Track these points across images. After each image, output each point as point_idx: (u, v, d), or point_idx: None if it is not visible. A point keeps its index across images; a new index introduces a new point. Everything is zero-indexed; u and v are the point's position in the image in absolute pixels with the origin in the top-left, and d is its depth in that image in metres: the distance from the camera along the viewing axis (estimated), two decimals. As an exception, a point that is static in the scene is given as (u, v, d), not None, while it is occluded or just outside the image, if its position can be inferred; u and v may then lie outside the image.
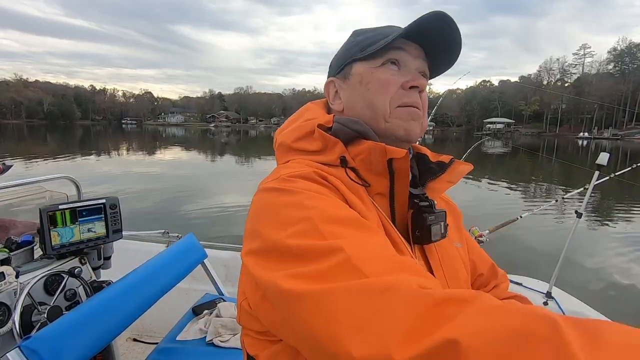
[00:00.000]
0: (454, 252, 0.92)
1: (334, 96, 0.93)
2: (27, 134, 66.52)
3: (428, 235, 0.80)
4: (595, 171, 2.93)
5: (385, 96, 0.82)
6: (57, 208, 2.16)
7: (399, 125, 0.82)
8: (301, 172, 0.75)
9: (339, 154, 0.81)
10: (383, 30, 0.85)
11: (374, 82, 0.83)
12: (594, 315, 2.78)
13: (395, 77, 0.83)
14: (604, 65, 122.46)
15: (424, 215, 0.81)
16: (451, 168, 0.89)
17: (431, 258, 0.84)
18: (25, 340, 1.41)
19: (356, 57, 0.86)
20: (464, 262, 0.97)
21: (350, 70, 0.88)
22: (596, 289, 6.41)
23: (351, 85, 0.88)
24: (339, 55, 0.92)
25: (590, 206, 12.57)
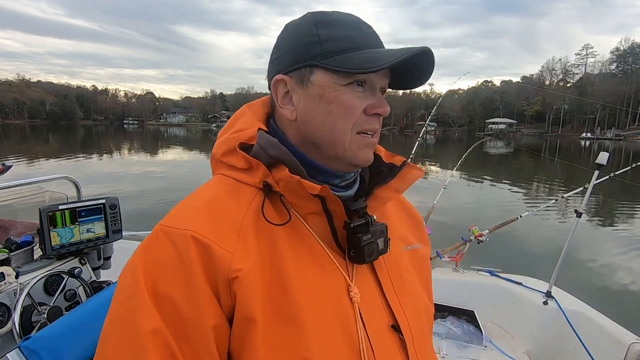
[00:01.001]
0: (402, 262, 0.89)
1: (283, 98, 0.80)
2: (29, 134, 66.69)
3: (363, 255, 0.75)
4: (595, 171, 2.93)
5: (348, 123, 0.75)
6: (57, 208, 2.16)
7: (356, 155, 0.77)
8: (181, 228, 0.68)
9: (261, 177, 0.75)
10: (353, 34, 0.75)
11: (339, 105, 0.74)
12: (593, 314, 2.78)
13: (360, 100, 0.75)
14: (606, 65, 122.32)
15: (358, 236, 0.76)
16: (402, 173, 0.84)
17: (379, 271, 0.82)
18: (25, 340, 1.41)
19: (319, 63, 0.74)
20: (417, 267, 0.94)
21: (310, 76, 0.75)
22: (596, 288, 6.42)
23: (310, 96, 0.76)
24: (293, 45, 0.77)
25: (590, 206, 12.57)
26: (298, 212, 0.77)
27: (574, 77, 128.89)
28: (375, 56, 0.71)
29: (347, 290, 0.74)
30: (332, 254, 0.76)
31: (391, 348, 0.77)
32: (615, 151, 47.07)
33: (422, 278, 0.95)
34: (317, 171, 0.79)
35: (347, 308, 0.73)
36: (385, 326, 0.78)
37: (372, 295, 0.79)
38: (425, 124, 5.05)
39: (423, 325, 0.86)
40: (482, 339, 2.88)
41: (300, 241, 0.74)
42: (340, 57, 0.73)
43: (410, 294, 0.85)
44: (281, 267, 0.70)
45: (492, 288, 3.31)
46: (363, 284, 0.78)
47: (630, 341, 2.44)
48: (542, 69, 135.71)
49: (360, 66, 0.71)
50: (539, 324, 2.99)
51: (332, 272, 0.75)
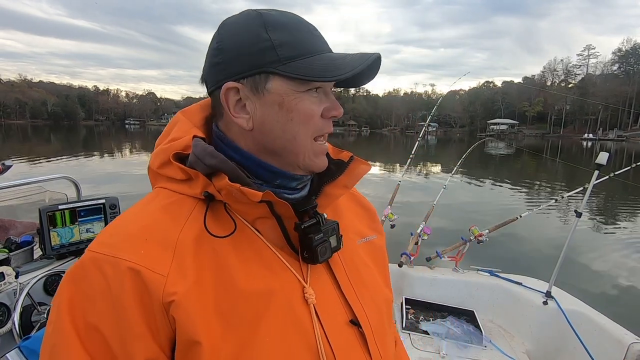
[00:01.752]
0: (358, 256, 0.89)
1: (235, 107, 0.74)
2: (31, 134, 66.80)
3: (316, 256, 0.75)
4: (594, 171, 2.93)
5: (308, 130, 0.73)
6: (57, 208, 2.17)
7: (313, 162, 0.76)
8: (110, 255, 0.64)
9: (202, 188, 0.72)
10: (305, 38, 0.72)
11: (299, 113, 0.72)
12: (593, 314, 2.78)
13: (317, 105, 0.73)
14: (608, 66, 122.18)
15: (310, 237, 0.75)
16: (349, 169, 0.83)
17: (335, 268, 0.82)
18: (25, 340, 1.41)
19: (276, 70, 0.70)
20: (374, 257, 0.95)
21: (266, 84, 0.71)
22: (596, 288, 6.42)
23: (267, 104, 0.72)
24: (242, 49, 0.72)
25: (591, 206, 12.57)
26: (245, 218, 0.75)
27: (576, 77, 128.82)
28: (335, 63, 0.70)
29: (301, 292, 0.73)
30: (284, 257, 0.75)
31: (350, 343, 0.77)
32: (617, 152, 47.04)
33: (380, 268, 0.96)
34: (275, 175, 0.77)
35: (302, 310, 0.72)
36: (344, 322, 0.77)
37: (329, 293, 0.78)
38: (425, 125, 5.06)
39: (383, 317, 0.87)
40: (482, 339, 2.88)
41: (248, 249, 0.73)
42: (298, 63, 0.70)
43: (367, 287, 0.85)
44: (228, 280, 0.68)
45: (492, 288, 3.31)
46: (319, 284, 0.77)
47: (630, 341, 2.44)
48: (544, 70, 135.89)
49: (322, 74, 0.69)
50: (538, 324, 2.99)
51: (285, 275, 0.74)
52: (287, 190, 0.78)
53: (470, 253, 3.56)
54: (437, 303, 3.29)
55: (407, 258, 3.49)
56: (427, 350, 2.75)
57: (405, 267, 3.48)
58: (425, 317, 3.11)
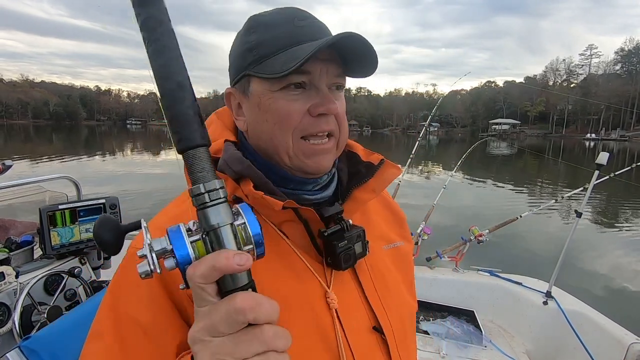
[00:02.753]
0: (383, 262, 0.87)
1: (237, 110, 0.78)
2: (33, 134, 66.89)
3: (339, 263, 0.74)
4: (595, 171, 2.93)
5: (285, 130, 0.71)
6: (57, 208, 2.17)
7: (304, 164, 0.73)
8: None
9: (231, 191, 0.72)
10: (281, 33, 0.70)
11: (272, 113, 0.71)
12: (593, 314, 2.78)
13: (298, 103, 0.70)
14: (611, 66, 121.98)
15: (333, 244, 0.74)
16: (379, 172, 0.82)
17: (361, 274, 0.81)
18: (25, 340, 1.41)
19: (252, 72, 0.71)
20: (399, 264, 0.92)
21: (249, 86, 0.73)
22: (596, 288, 6.41)
23: (251, 106, 0.74)
24: (234, 55, 0.76)
25: (591, 206, 12.55)
26: (273, 221, 0.75)
27: (578, 77, 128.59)
28: (296, 54, 0.66)
29: (324, 297, 0.73)
30: (309, 261, 0.75)
31: (372, 349, 0.76)
32: (620, 152, 46.95)
33: (405, 275, 0.94)
34: (287, 180, 0.76)
35: (324, 314, 0.72)
36: (366, 328, 0.77)
37: (353, 299, 0.78)
38: (425, 125, 5.05)
39: (405, 324, 0.86)
40: (482, 339, 2.88)
41: (273, 252, 0.72)
42: (268, 61, 0.69)
43: (392, 294, 0.84)
44: None
45: (492, 288, 3.31)
46: (343, 289, 0.77)
47: (630, 341, 2.44)
48: (546, 70, 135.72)
49: (280, 68, 0.66)
50: (538, 324, 2.99)
51: (308, 279, 0.74)
52: (306, 191, 0.78)
53: (471, 253, 3.56)
54: (437, 303, 3.28)
55: (407, 258, 3.49)
56: (427, 350, 2.75)
57: (406, 267, 3.47)
58: (426, 317, 3.11)
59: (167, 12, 0.48)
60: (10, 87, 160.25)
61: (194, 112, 0.49)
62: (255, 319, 0.44)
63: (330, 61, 0.71)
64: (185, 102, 0.48)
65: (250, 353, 0.43)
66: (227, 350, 0.43)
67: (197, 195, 0.47)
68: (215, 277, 0.45)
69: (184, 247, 0.46)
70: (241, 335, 0.44)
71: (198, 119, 0.49)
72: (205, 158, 0.49)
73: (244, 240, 0.48)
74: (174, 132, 0.49)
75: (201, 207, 0.48)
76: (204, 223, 0.47)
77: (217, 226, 0.47)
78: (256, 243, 0.49)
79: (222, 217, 0.47)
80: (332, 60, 0.72)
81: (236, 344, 0.44)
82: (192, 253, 0.46)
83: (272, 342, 0.44)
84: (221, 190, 0.48)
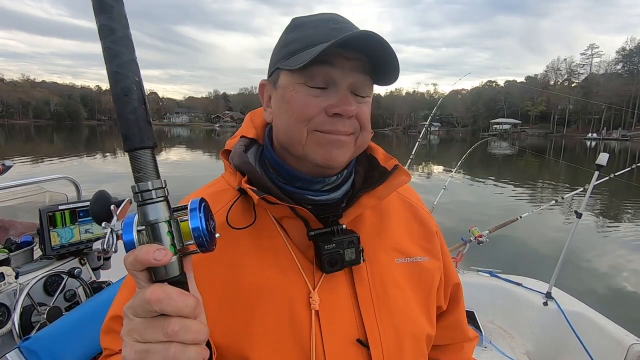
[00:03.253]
0: (390, 276, 0.83)
1: (267, 102, 0.84)
2: (34, 134, 66.94)
3: (323, 265, 0.74)
4: (595, 171, 2.93)
5: (300, 123, 0.73)
6: (57, 208, 2.17)
7: (316, 153, 0.74)
8: None
9: (238, 183, 0.78)
10: (315, 33, 0.74)
11: (291, 104, 0.73)
12: (593, 315, 2.78)
13: (318, 100, 0.72)
14: (612, 65, 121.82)
15: (319, 244, 0.74)
16: (390, 179, 0.81)
17: (358, 283, 0.78)
18: (25, 340, 1.41)
19: (280, 65, 0.75)
20: (416, 281, 0.87)
21: (278, 79, 0.77)
22: (596, 289, 6.41)
23: (277, 98, 0.78)
24: (274, 51, 0.81)
25: (592, 206, 12.54)
26: (275, 215, 0.78)
27: (579, 77, 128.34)
28: (320, 48, 0.67)
29: (307, 296, 0.73)
30: (300, 258, 0.76)
31: None
32: (621, 152, 46.91)
33: (421, 295, 0.88)
34: (296, 178, 0.78)
35: (303, 313, 0.72)
36: (350, 338, 0.75)
37: (342, 306, 0.76)
38: (425, 125, 5.04)
39: (404, 344, 0.80)
40: (482, 340, 2.88)
41: (267, 243, 0.76)
42: (295, 57, 0.72)
43: (392, 309, 0.80)
44: (239, 266, 0.74)
45: (492, 289, 3.31)
46: (333, 293, 0.76)
47: (631, 342, 2.44)
48: (547, 69, 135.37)
49: (297, 61, 0.69)
50: (539, 325, 2.99)
51: (293, 275, 0.74)
52: (311, 191, 0.79)
53: (471, 254, 3.56)
54: (437, 303, 3.28)
55: (407, 258, 3.48)
56: (427, 351, 2.74)
57: (406, 268, 3.47)
58: (426, 318, 3.10)
59: (122, 19, 0.50)
60: (11, 86, 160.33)
61: (136, 117, 0.51)
62: (162, 310, 0.47)
63: (355, 60, 0.72)
64: (129, 107, 0.51)
65: (154, 339, 0.47)
66: (138, 331, 0.48)
67: (135, 193, 0.50)
68: (140, 267, 0.48)
69: (130, 233, 0.50)
70: (152, 322, 0.48)
71: (142, 123, 0.51)
72: (148, 159, 0.51)
73: (187, 235, 0.52)
74: (121, 134, 0.51)
75: (140, 204, 0.51)
76: (143, 218, 0.51)
77: (153, 222, 0.50)
78: (195, 238, 0.51)
79: (158, 214, 0.50)
80: (357, 60, 0.72)
81: (145, 329, 0.48)
82: (137, 240, 0.50)
83: (176, 334, 0.47)
84: (160, 190, 0.51)
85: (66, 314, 1.87)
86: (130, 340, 0.48)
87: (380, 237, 0.84)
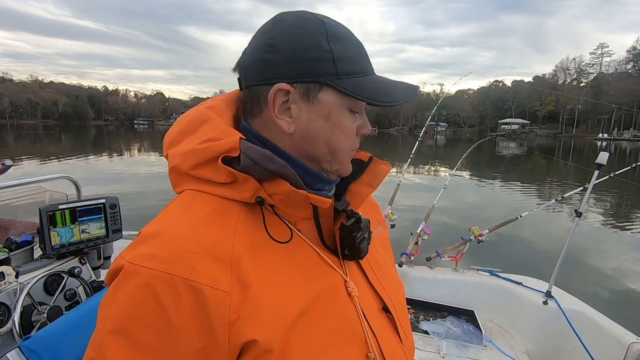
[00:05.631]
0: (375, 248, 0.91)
1: (281, 109, 0.72)
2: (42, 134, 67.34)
3: (358, 253, 0.78)
4: (595, 170, 2.92)
5: (348, 145, 0.76)
6: (57, 208, 2.19)
7: (345, 169, 0.79)
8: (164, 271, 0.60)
9: (253, 192, 0.69)
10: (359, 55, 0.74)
11: (342, 128, 0.74)
12: (593, 314, 2.77)
13: (354, 123, 0.77)
14: (622, 64, 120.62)
15: (353, 235, 0.77)
16: (370, 168, 0.85)
17: (366, 269, 0.86)
18: (25, 340, 1.42)
19: (332, 83, 0.70)
20: (384, 247, 1.01)
21: (318, 94, 0.71)
22: (596, 288, 6.39)
23: (314, 113, 0.72)
24: (300, 54, 0.70)
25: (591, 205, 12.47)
26: (289, 220, 0.75)
27: (589, 76, 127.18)
28: (387, 89, 0.73)
29: (345, 287, 0.76)
30: (325, 254, 0.77)
31: (386, 328, 0.82)
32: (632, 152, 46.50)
33: (390, 257, 1.05)
34: (318, 180, 0.78)
35: (348, 303, 0.75)
36: (378, 310, 0.83)
37: (362, 285, 0.82)
38: (426, 125, 5.03)
39: (403, 302, 0.95)
40: (482, 339, 2.87)
41: (299, 252, 0.74)
42: (353, 80, 0.71)
43: (386, 276, 0.91)
44: (286, 285, 0.68)
45: (492, 288, 3.30)
46: (354, 278, 0.81)
47: (630, 341, 2.43)
48: (556, 69, 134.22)
49: (375, 97, 0.71)
50: (538, 324, 2.98)
51: (331, 273, 0.76)
52: (324, 192, 0.81)
53: (471, 253, 3.56)
54: (437, 303, 3.28)
55: (407, 258, 3.49)
56: (427, 350, 2.75)
57: (405, 267, 3.48)
58: (425, 317, 3.11)
59: None
60: (20, 87, 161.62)
61: None
62: None
63: None
64: None
65: None
66: None
67: None
68: None
69: None
70: None
71: None
72: None
73: None
74: None
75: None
76: None
77: None
78: None
79: None
80: None
81: None
82: None
83: None
84: None
85: (66, 313, 1.88)
86: None
87: None
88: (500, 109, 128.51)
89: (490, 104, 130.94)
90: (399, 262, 3.46)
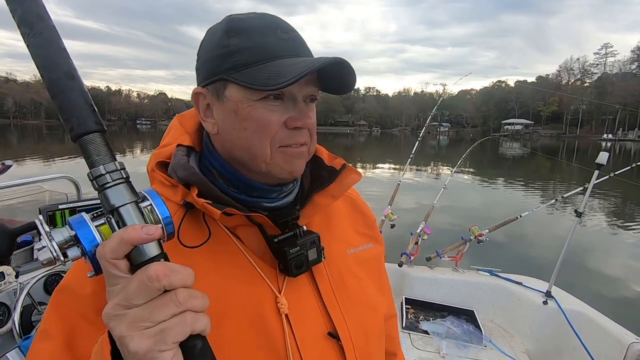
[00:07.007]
0: (346, 266, 0.86)
1: (205, 111, 0.76)
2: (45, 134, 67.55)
3: (290, 269, 0.73)
4: (594, 170, 2.92)
5: (264, 140, 0.71)
6: (57, 208, 2.19)
7: (281, 169, 0.73)
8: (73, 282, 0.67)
9: (182, 196, 0.73)
10: (264, 43, 0.70)
11: (252, 122, 0.70)
12: (593, 314, 2.77)
13: (276, 114, 0.70)
14: (627, 65, 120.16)
15: (284, 250, 0.73)
16: (340, 178, 0.82)
17: (319, 279, 0.80)
18: (25, 340, 1.42)
19: (230, 78, 0.70)
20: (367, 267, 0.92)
21: (224, 91, 0.71)
22: (596, 288, 6.38)
23: (226, 111, 0.72)
24: (208, 55, 0.74)
25: (591, 206, 12.44)
26: (227, 225, 0.74)
27: (593, 76, 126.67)
28: (280, 70, 0.66)
29: (274, 302, 0.73)
30: (261, 266, 0.75)
31: (325, 355, 0.75)
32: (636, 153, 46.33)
33: (374, 278, 0.93)
34: (251, 188, 0.77)
35: (273, 319, 0.71)
36: (321, 334, 0.76)
37: (308, 305, 0.77)
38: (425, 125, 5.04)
39: (368, 331, 0.84)
40: (482, 339, 2.88)
41: (224, 256, 0.73)
42: (249, 70, 0.68)
43: (352, 299, 0.83)
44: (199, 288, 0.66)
45: (492, 288, 3.30)
46: (298, 294, 0.76)
47: (630, 341, 2.43)
48: (560, 69, 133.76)
49: (265, 82, 0.66)
50: (538, 324, 2.98)
51: (257, 283, 0.73)
52: (267, 199, 0.78)
53: (471, 253, 3.57)
54: (437, 303, 3.29)
55: (407, 258, 3.50)
56: (427, 350, 2.75)
57: (405, 267, 3.48)
58: (425, 317, 3.11)
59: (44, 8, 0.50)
60: (23, 87, 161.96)
61: (84, 100, 0.50)
62: (170, 284, 0.45)
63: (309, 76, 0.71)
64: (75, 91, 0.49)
65: (166, 315, 0.45)
66: (144, 317, 0.44)
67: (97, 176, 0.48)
68: (126, 251, 0.46)
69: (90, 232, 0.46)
70: (156, 302, 0.45)
71: (89, 107, 0.50)
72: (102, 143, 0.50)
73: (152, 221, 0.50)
74: (66, 120, 0.49)
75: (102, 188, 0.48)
76: (107, 204, 0.48)
77: (120, 204, 0.47)
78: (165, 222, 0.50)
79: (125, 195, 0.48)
80: (311, 77, 0.73)
81: (152, 310, 0.45)
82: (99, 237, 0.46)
83: (187, 302, 0.46)
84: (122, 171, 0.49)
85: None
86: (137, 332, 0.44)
87: (330, 232, 0.84)
88: (503, 109, 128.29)
89: (493, 104, 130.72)
90: (398, 262, 3.47)
